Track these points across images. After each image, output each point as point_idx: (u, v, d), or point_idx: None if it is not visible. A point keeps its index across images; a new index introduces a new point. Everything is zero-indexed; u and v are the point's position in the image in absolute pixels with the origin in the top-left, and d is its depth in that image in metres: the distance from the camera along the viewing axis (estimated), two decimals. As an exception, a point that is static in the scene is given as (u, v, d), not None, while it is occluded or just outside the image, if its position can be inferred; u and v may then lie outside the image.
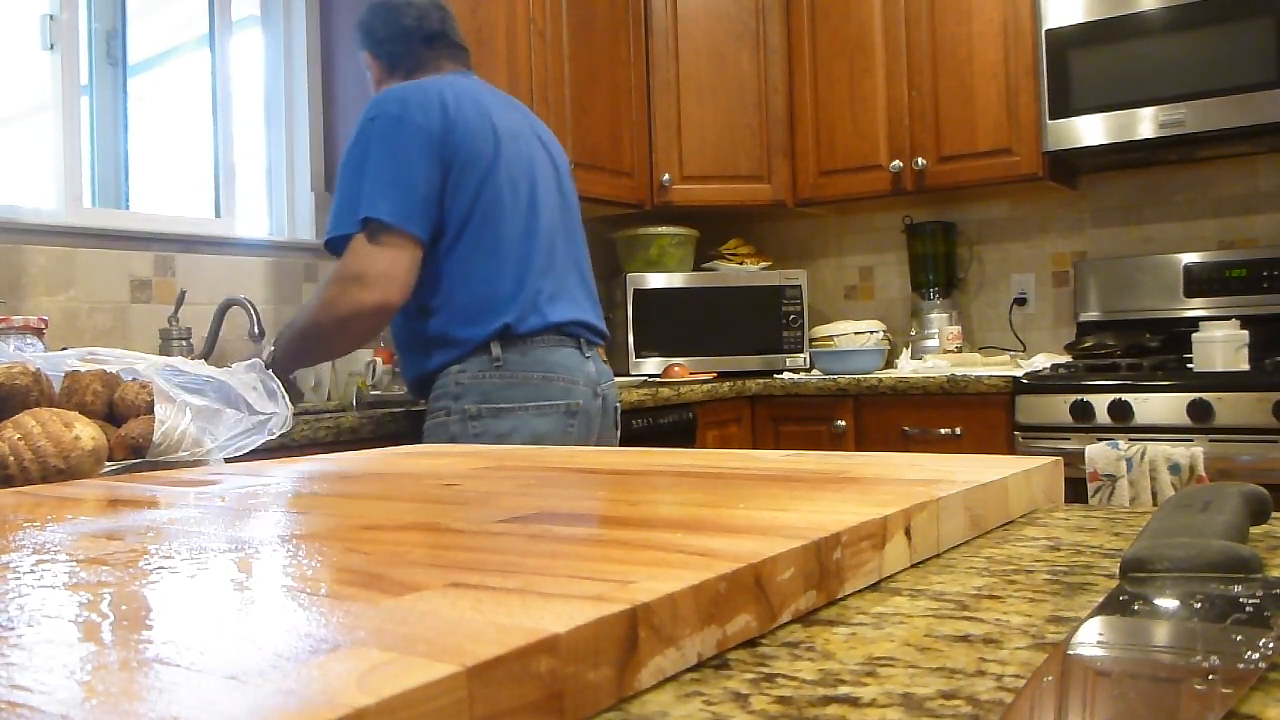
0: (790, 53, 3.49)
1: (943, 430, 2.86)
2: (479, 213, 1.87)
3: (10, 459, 0.89)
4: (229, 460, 1.08)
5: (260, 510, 0.62)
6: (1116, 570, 0.48)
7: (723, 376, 3.22)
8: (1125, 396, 2.59)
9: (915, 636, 0.39)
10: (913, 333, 3.48)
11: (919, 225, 3.50)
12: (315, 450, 1.79)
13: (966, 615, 0.42)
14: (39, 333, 1.87)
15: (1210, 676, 0.31)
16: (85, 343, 2.22)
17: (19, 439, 0.90)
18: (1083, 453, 2.53)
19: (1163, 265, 3.14)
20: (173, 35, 2.80)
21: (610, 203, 3.26)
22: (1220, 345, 2.61)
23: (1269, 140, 2.93)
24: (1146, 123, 2.87)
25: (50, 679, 0.29)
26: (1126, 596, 0.40)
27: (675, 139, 3.43)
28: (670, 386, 2.79)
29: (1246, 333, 2.63)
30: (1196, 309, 3.05)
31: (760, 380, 3.15)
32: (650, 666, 0.34)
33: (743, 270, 3.49)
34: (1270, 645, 0.33)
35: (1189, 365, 2.69)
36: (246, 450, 1.10)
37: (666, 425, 2.69)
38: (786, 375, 3.23)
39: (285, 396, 1.20)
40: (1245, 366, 2.60)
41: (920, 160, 3.23)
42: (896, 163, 3.27)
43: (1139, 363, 2.78)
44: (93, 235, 2.36)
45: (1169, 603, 0.39)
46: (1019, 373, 2.85)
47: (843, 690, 0.34)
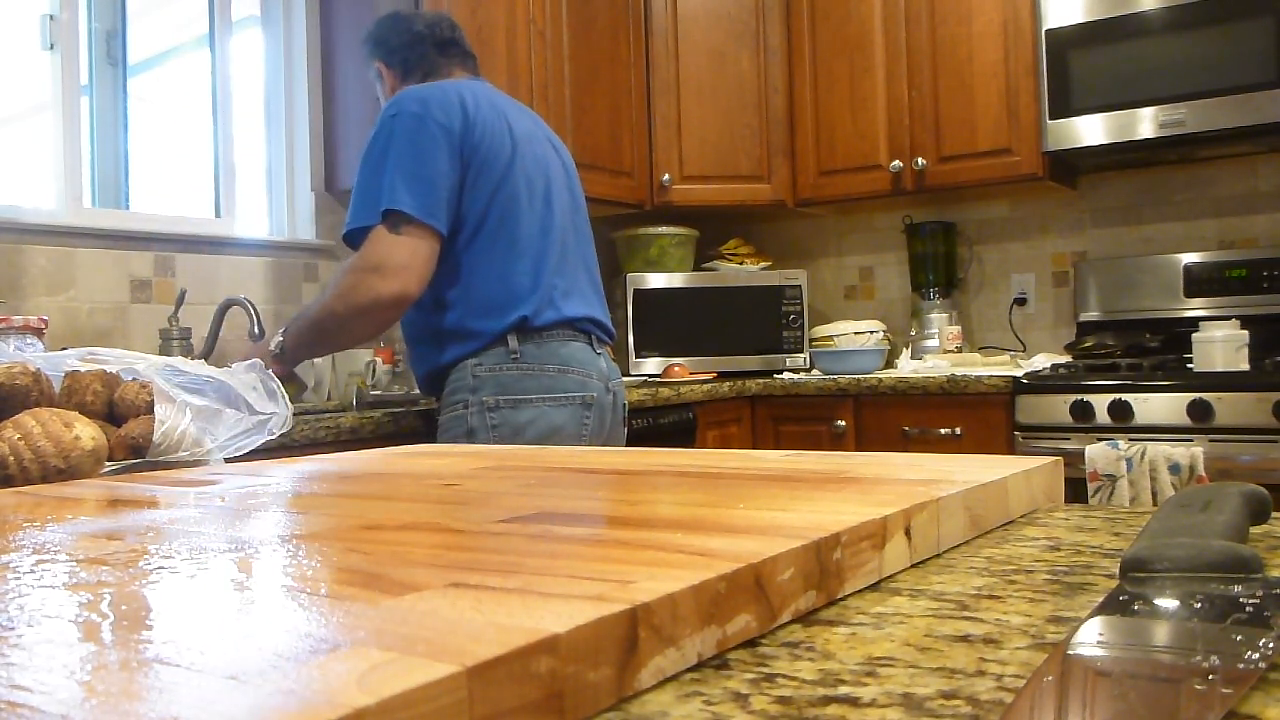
0: (790, 53, 3.49)
1: (943, 430, 2.86)
2: (496, 210, 1.90)
3: (10, 459, 0.89)
4: (229, 460, 1.08)
5: (260, 510, 0.62)
6: (1116, 570, 0.48)
7: (723, 376, 3.22)
8: (1125, 396, 2.59)
9: (915, 636, 0.39)
10: (913, 333, 3.48)
11: (919, 225, 3.50)
12: (315, 450, 1.79)
13: (966, 615, 0.42)
14: (39, 333, 1.87)
15: (1210, 676, 0.31)
16: (85, 343, 2.22)
17: (19, 439, 0.90)
18: (1083, 453, 2.53)
19: (1163, 265, 3.14)
20: (173, 35, 2.81)
21: (610, 203, 3.25)
22: (1220, 345, 2.61)
23: (1269, 140, 2.93)
24: (1146, 123, 2.87)
25: (50, 679, 0.29)
26: (1126, 596, 0.40)
27: (675, 139, 3.43)
28: (670, 386, 2.79)
29: (1246, 333, 2.63)
30: (1196, 309, 3.05)
31: (760, 380, 3.15)
32: (650, 666, 0.34)
33: (743, 270, 3.49)
34: (1270, 645, 0.33)
35: (1189, 365, 2.69)
36: (246, 450, 1.10)
37: (666, 425, 2.69)
38: (786, 375, 3.23)
39: (285, 396, 1.20)
40: (1245, 366, 2.60)
41: (920, 160, 3.23)
42: (896, 163, 3.27)
43: (1139, 363, 2.78)
44: (93, 235, 2.37)
45: (1169, 603, 0.39)
46: (1019, 373, 2.85)
47: (843, 690, 0.34)
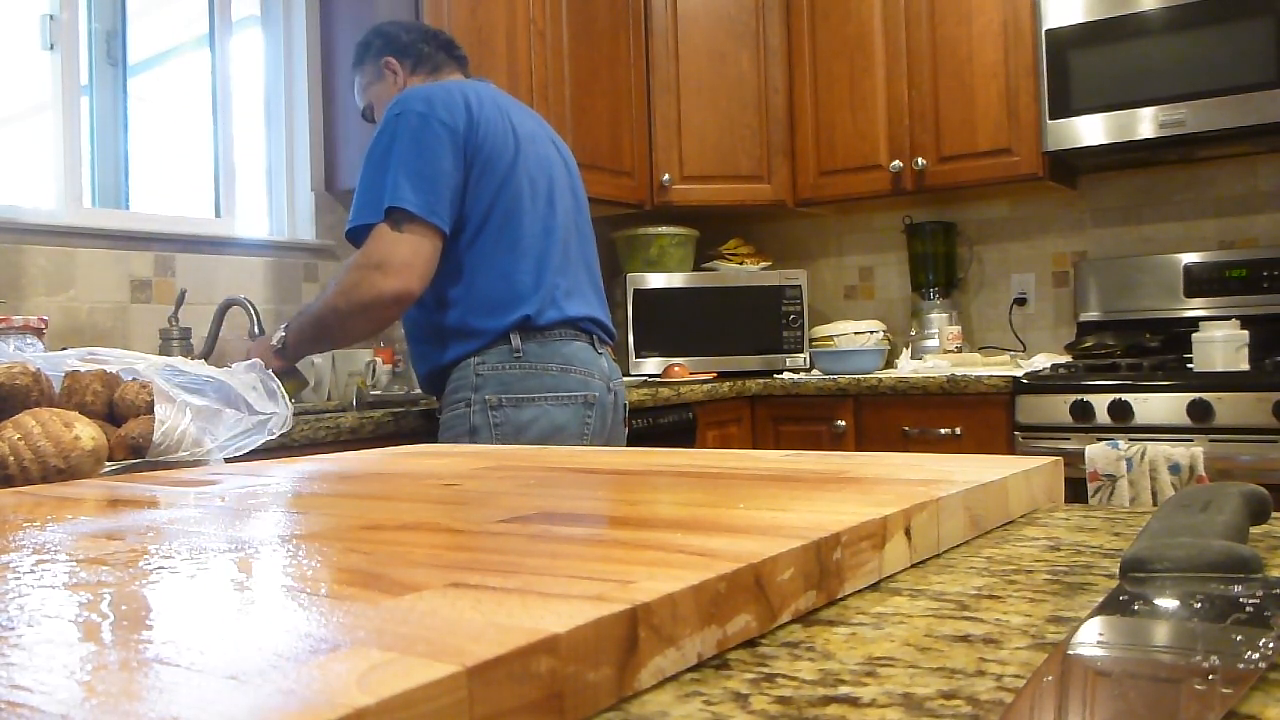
0: (790, 53, 3.49)
1: (943, 430, 2.86)
2: (500, 209, 1.91)
3: (10, 459, 0.89)
4: (229, 460, 1.08)
5: (260, 510, 0.62)
6: (1116, 570, 0.48)
7: (723, 376, 3.22)
8: (1125, 396, 2.59)
9: (915, 636, 0.39)
10: (913, 333, 3.48)
11: (919, 225, 3.50)
12: (315, 450, 1.79)
13: (966, 615, 0.42)
14: (39, 333, 1.87)
15: (1210, 676, 0.31)
16: (85, 343, 2.22)
17: (19, 439, 0.90)
18: (1083, 453, 2.53)
19: (1163, 265, 3.14)
20: (173, 35, 2.80)
21: (610, 203, 3.25)
22: (1220, 345, 2.61)
23: (1269, 140, 2.93)
24: (1146, 123, 2.87)
25: (50, 679, 0.29)
26: (1126, 596, 0.40)
27: (675, 139, 3.43)
28: (670, 386, 2.79)
29: (1246, 333, 2.63)
30: (1196, 309, 3.05)
31: (760, 380, 3.15)
32: (650, 666, 0.34)
33: (743, 270, 3.49)
34: (1270, 645, 0.33)
35: (1189, 365, 2.69)
36: (246, 450, 1.10)
37: (666, 425, 2.69)
38: (786, 375, 3.23)
39: (285, 396, 1.20)
40: (1245, 366, 2.60)
41: (920, 160, 3.23)
42: (896, 163, 3.27)
43: (1139, 363, 2.78)
44: (93, 235, 2.37)
45: (1169, 603, 0.39)
46: (1019, 373, 2.85)
47: (843, 690, 0.34)
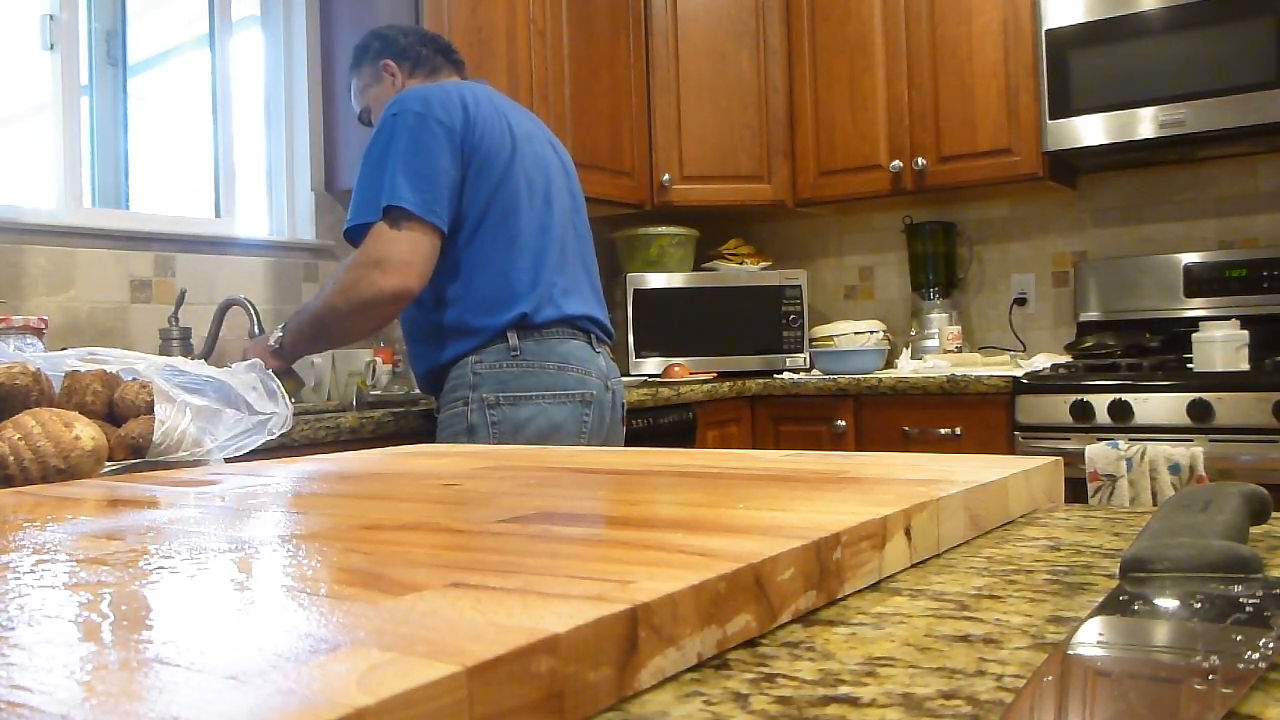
0: (790, 53, 3.49)
1: (943, 430, 2.86)
2: (497, 208, 1.91)
3: (10, 459, 0.89)
4: (229, 460, 1.08)
5: (260, 510, 0.62)
6: (1116, 570, 0.48)
7: (723, 376, 3.22)
8: (1125, 396, 2.59)
9: (915, 636, 0.39)
10: (913, 333, 3.48)
11: (919, 225, 3.50)
12: (315, 450, 1.79)
13: (966, 615, 0.42)
14: (39, 333, 1.87)
15: (1210, 676, 0.31)
16: (85, 343, 2.22)
17: (19, 439, 0.90)
18: (1083, 453, 2.53)
19: (1163, 265, 3.14)
20: (173, 35, 2.80)
21: (610, 203, 3.25)
22: (1220, 345, 2.61)
23: (1269, 140, 2.93)
24: (1146, 123, 2.87)
25: (50, 679, 0.29)
26: (1126, 596, 0.40)
27: (675, 139, 3.43)
28: (670, 386, 2.79)
29: (1246, 333, 2.63)
30: (1196, 309, 3.05)
31: (760, 380, 3.15)
32: (650, 666, 0.34)
33: (743, 270, 3.49)
34: (1270, 645, 0.33)
35: (1189, 365, 2.69)
36: (246, 450, 1.10)
37: (666, 425, 2.69)
38: (786, 375, 3.23)
39: (285, 396, 1.20)
40: (1245, 366, 2.60)
41: (920, 160, 3.23)
42: (896, 163, 3.27)
43: (1139, 363, 2.78)
44: (93, 235, 2.37)
45: (1169, 603, 0.39)
46: (1019, 373, 2.85)
47: (843, 690, 0.34)
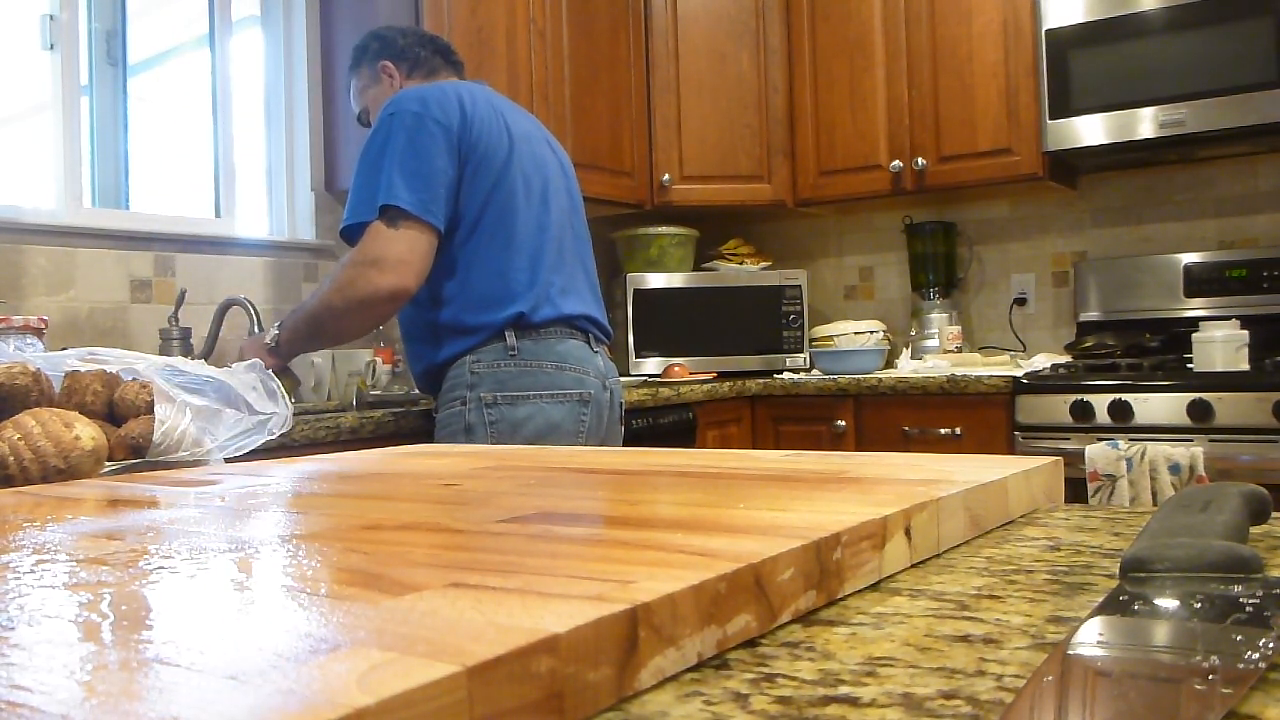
0: (790, 53, 3.49)
1: (943, 430, 2.86)
2: (494, 207, 1.91)
3: (10, 459, 0.89)
4: (229, 460, 1.08)
5: (260, 510, 0.62)
6: (1116, 570, 0.48)
7: (723, 376, 3.22)
8: (1125, 396, 2.59)
9: (915, 636, 0.39)
10: (913, 333, 3.48)
11: (919, 225, 3.50)
12: (315, 450, 1.79)
13: (966, 615, 0.42)
14: (39, 333, 1.87)
15: (1210, 676, 0.31)
16: (85, 343, 2.22)
17: (19, 439, 0.90)
18: (1083, 453, 2.53)
19: (1163, 265, 3.14)
20: (173, 35, 2.80)
21: (610, 203, 3.25)
22: (1220, 345, 2.61)
23: (1269, 140, 2.93)
24: (1146, 123, 2.86)
25: (50, 679, 0.29)
26: (1126, 596, 0.40)
27: (675, 139, 3.43)
28: (670, 386, 2.79)
29: (1246, 333, 2.63)
30: (1196, 309, 3.05)
31: (760, 380, 3.15)
32: (650, 666, 0.34)
33: (743, 270, 3.49)
34: (1270, 645, 0.33)
35: (1189, 365, 2.69)
36: (246, 450, 1.10)
37: (666, 425, 2.69)
38: (786, 375, 3.23)
39: (285, 396, 1.20)
40: (1245, 366, 2.60)
41: (920, 160, 3.23)
42: (896, 163, 3.27)
43: (1139, 363, 2.78)
44: (93, 235, 2.37)
45: (1169, 603, 0.39)
46: (1019, 373, 2.85)
47: (843, 690, 0.34)
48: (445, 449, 1.04)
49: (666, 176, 3.40)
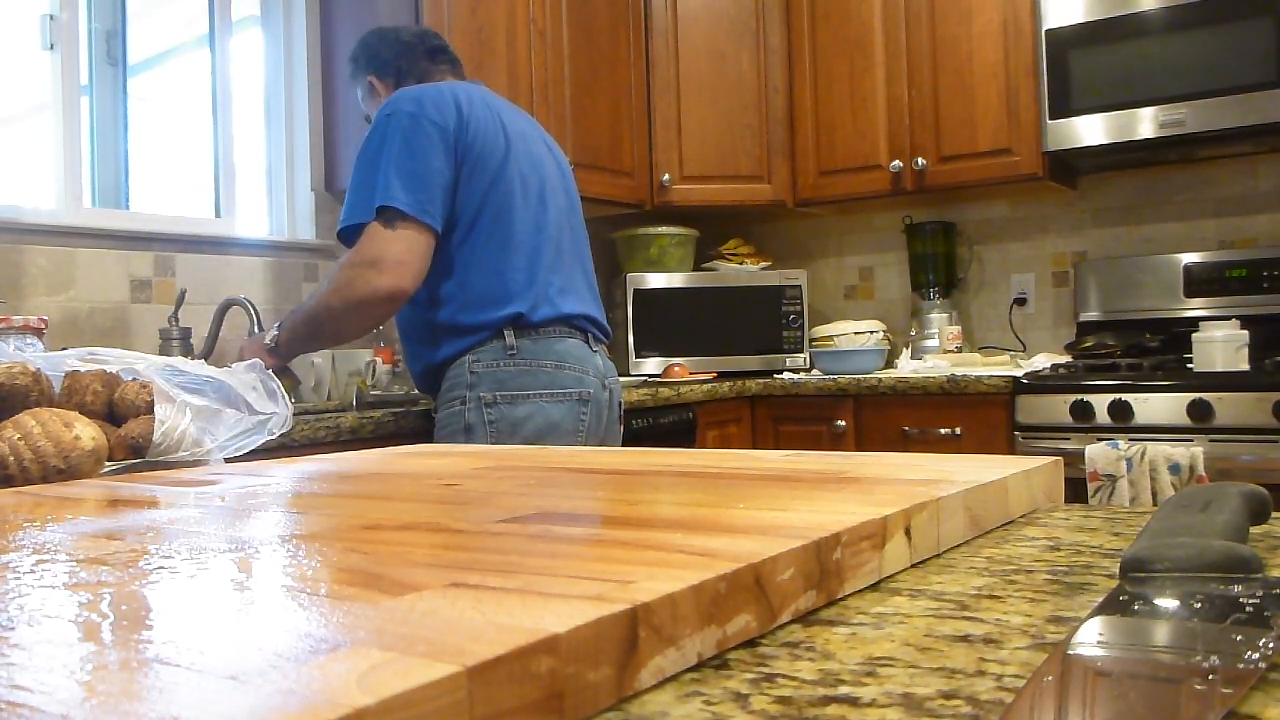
0: (790, 53, 3.49)
1: (943, 430, 2.86)
2: (491, 207, 1.91)
3: (10, 459, 0.89)
4: (229, 460, 1.08)
5: (260, 510, 0.62)
6: (1116, 570, 0.48)
7: (723, 376, 3.22)
8: (1125, 396, 2.59)
9: (915, 636, 0.39)
10: (913, 333, 3.48)
11: (919, 225, 3.50)
12: (315, 450, 1.79)
13: (966, 615, 0.42)
14: (39, 333, 1.87)
15: (1210, 676, 0.31)
16: (85, 343, 2.22)
17: (19, 439, 0.90)
18: (1083, 453, 2.53)
19: (1163, 265, 3.14)
20: (173, 35, 2.80)
21: (610, 203, 3.25)
22: (1220, 345, 2.61)
23: (1269, 140, 2.93)
24: (1146, 123, 2.86)
25: (50, 679, 0.29)
26: (1126, 596, 0.40)
27: (675, 139, 3.43)
28: (670, 386, 2.79)
29: (1246, 333, 2.63)
30: (1196, 309, 3.05)
31: (760, 380, 3.15)
32: (650, 666, 0.34)
33: (743, 270, 3.49)
34: (1270, 645, 0.33)
35: (1189, 365, 2.69)
36: (246, 450, 1.10)
37: (666, 425, 2.69)
38: (786, 375, 3.23)
39: (285, 396, 1.20)
40: (1245, 366, 2.60)
41: (920, 160, 3.23)
42: (896, 163, 3.27)
43: (1139, 363, 2.78)
44: (93, 235, 2.37)
45: (1169, 603, 0.39)
46: (1019, 373, 2.85)
47: (843, 690, 0.34)
48: (445, 449, 1.04)
49: (666, 176, 3.40)
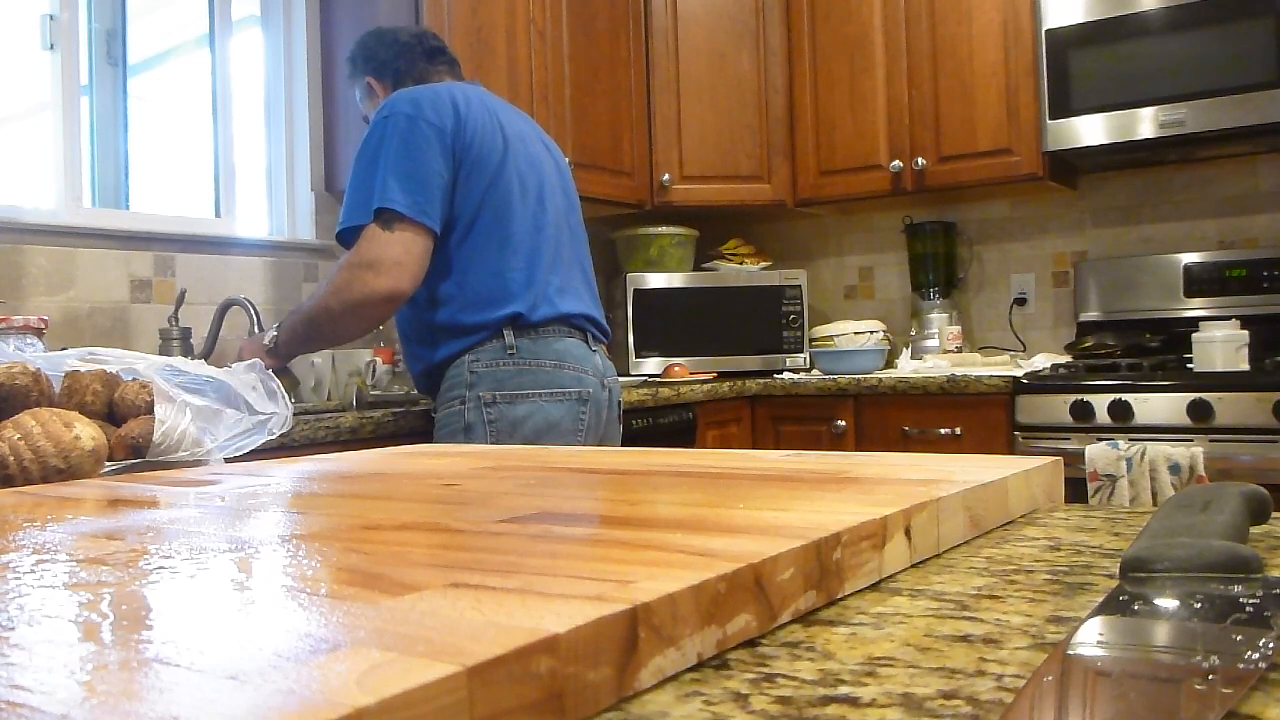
0: (790, 53, 3.49)
1: (943, 430, 2.86)
2: (490, 207, 1.92)
3: (10, 459, 0.89)
4: (229, 460, 1.08)
5: (260, 510, 0.62)
6: (1116, 570, 0.48)
7: (723, 376, 3.22)
8: (1125, 396, 2.59)
9: (915, 636, 0.39)
10: (913, 333, 3.48)
11: (919, 225, 3.50)
12: (315, 450, 1.79)
13: (966, 615, 0.42)
14: (39, 333, 1.87)
15: (1210, 676, 0.31)
16: (85, 343, 2.22)
17: (19, 439, 0.90)
18: (1083, 453, 2.53)
19: (1163, 265, 3.14)
20: (173, 35, 2.80)
21: (610, 203, 3.25)
22: (1220, 345, 2.61)
23: (1269, 140, 2.93)
24: (1146, 123, 2.86)
25: (50, 679, 0.29)
26: (1126, 596, 0.40)
27: (675, 139, 3.43)
28: (670, 386, 2.79)
29: (1246, 333, 2.63)
30: (1196, 309, 3.05)
31: (760, 380, 3.15)
32: (650, 666, 0.34)
33: (743, 270, 3.49)
34: (1270, 645, 0.33)
35: (1189, 365, 2.69)
36: (246, 450, 1.10)
37: (666, 425, 2.69)
38: (786, 375, 3.23)
39: (285, 396, 1.20)
40: (1245, 366, 2.60)
41: (920, 160, 3.23)
42: (896, 163, 3.27)
43: (1139, 363, 2.78)
44: (93, 235, 2.37)
45: (1169, 603, 0.39)
46: (1019, 373, 2.85)
47: (843, 690, 0.34)
48: (445, 449, 1.04)
49: (666, 176, 3.40)
